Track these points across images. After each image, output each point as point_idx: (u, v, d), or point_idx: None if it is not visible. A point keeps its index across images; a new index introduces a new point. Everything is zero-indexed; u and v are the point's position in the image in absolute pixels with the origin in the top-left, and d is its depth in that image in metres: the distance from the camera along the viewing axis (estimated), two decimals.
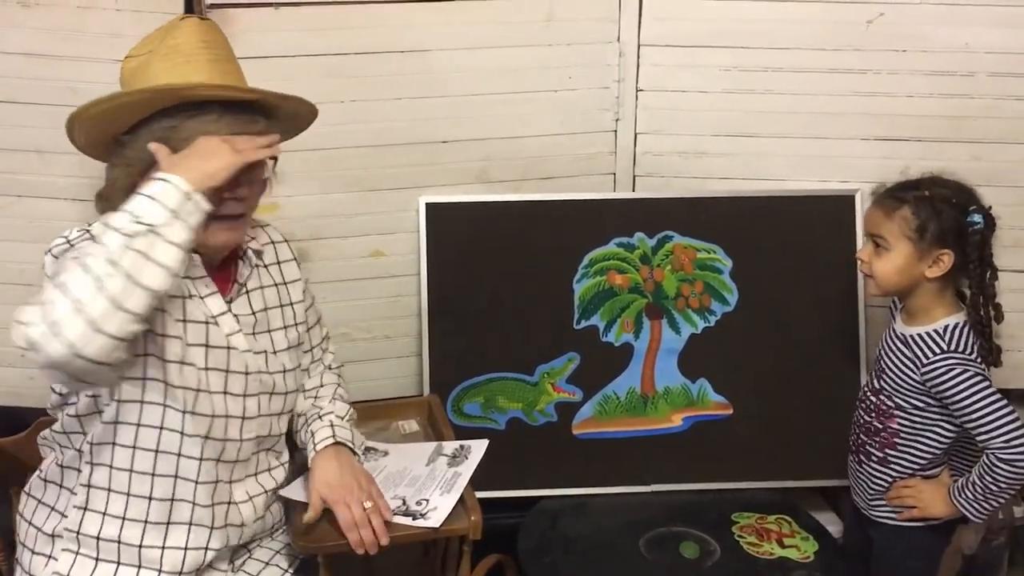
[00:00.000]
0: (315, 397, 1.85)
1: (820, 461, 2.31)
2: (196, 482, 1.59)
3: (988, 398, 1.81)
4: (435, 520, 1.72)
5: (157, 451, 1.57)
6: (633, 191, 2.39)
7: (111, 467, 1.57)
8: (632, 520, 2.17)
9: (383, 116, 2.22)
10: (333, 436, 1.73)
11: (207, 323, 1.60)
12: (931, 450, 1.94)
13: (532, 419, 2.32)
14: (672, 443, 2.33)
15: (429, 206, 2.27)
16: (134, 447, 1.56)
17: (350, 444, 1.74)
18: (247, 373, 1.64)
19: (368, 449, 1.93)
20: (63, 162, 2.04)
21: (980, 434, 1.83)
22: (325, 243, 2.24)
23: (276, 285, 1.75)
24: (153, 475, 1.57)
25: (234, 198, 1.55)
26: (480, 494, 1.81)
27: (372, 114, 2.21)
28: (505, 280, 2.30)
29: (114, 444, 1.56)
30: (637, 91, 2.33)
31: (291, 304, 1.77)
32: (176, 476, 1.58)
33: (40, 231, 2.03)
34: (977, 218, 1.84)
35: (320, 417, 1.78)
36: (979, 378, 1.83)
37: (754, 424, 2.34)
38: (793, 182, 2.37)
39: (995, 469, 1.81)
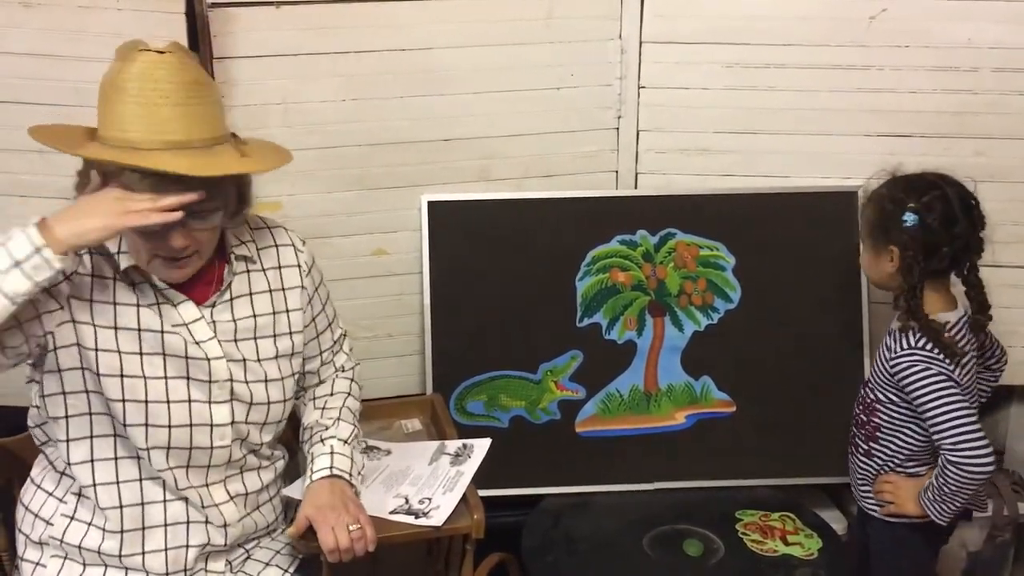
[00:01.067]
0: (323, 408, 1.80)
1: (824, 458, 2.30)
2: (163, 480, 1.59)
3: (946, 398, 1.80)
4: (438, 519, 1.72)
5: (116, 458, 1.58)
6: (635, 188, 2.39)
7: (80, 483, 1.59)
8: (635, 518, 2.17)
9: (385, 114, 2.22)
10: (330, 468, 1.69)
11: (163, 332, 1.56)
12: (908, 447, 1.94)
13: (535, 417, 2.32)
14: (675, 441, 2.33)
15: (431, 204, 2.27)
16: (92, 460, 1.57)
17: (346, 476, 1.70)
18: (210, 381, 1.60)
19: (370, 448, 1.93)
20: (65, 162, 2.02)
21: (934, 433, 1.83)
22: (327, 242, 2.24)
23: (271, 291, 1.68)
24: (118, 483, 1.58)
25: (163, 247, 1.48)
26: (483, 492, 1.81)
27: (374, 112, 2.21)
28: (507, 278, 2.30)
29: (69, 463, 1.58)
30: (639, 88, 2.33)
31: (286, 312, 1.69)
32: (141, 479, 1.59)
33: None
34: (908, 216, 1.83)
35: (323, 441, 1.73)
36: (941, 377, 1.82)
37: (758, 421, 2.33)
38: (796, 179, 2.36)
39: (945, 470, 1.81)
